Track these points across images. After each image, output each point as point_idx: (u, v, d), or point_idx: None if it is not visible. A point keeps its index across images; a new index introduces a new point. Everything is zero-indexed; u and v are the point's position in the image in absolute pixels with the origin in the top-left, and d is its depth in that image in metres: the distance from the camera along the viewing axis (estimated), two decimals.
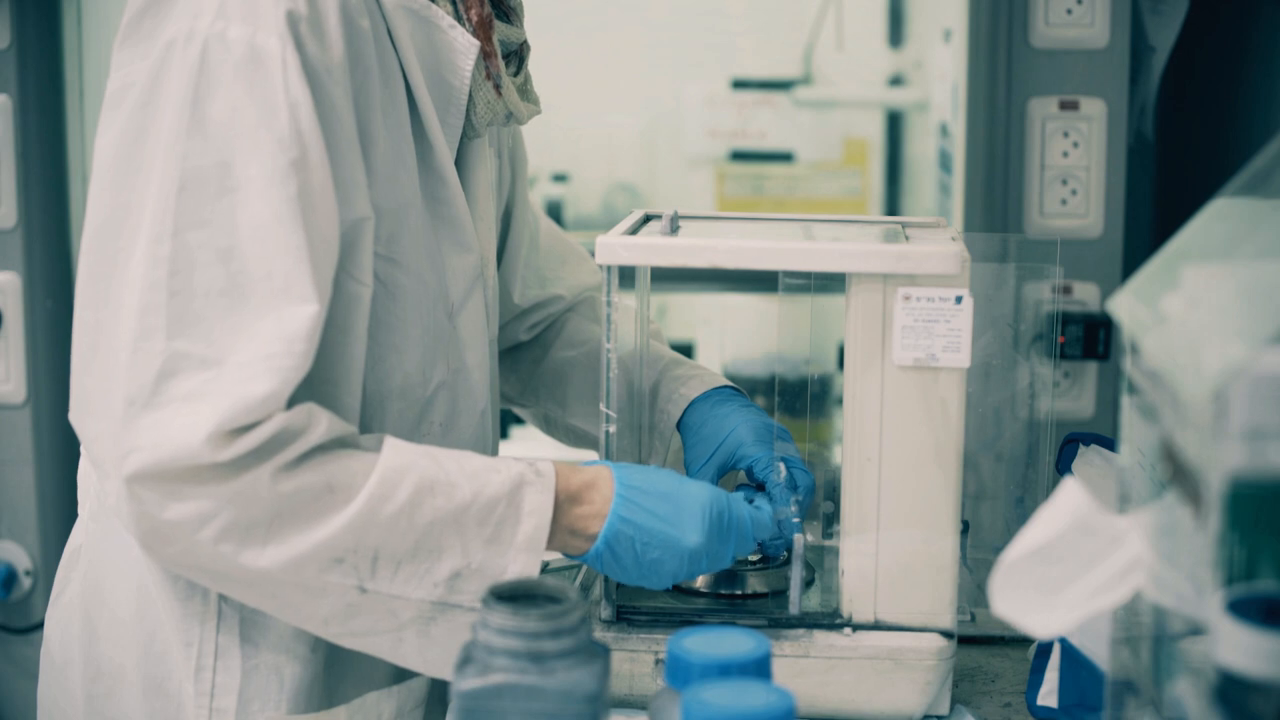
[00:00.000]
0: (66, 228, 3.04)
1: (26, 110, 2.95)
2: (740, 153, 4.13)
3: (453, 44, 1.91)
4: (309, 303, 1.72)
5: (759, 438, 2.06)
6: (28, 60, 2.95)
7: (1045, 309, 2.05)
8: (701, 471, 2.07)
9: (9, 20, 2.93)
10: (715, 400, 2.13)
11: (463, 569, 1.76)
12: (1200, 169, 3.18)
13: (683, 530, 1.82)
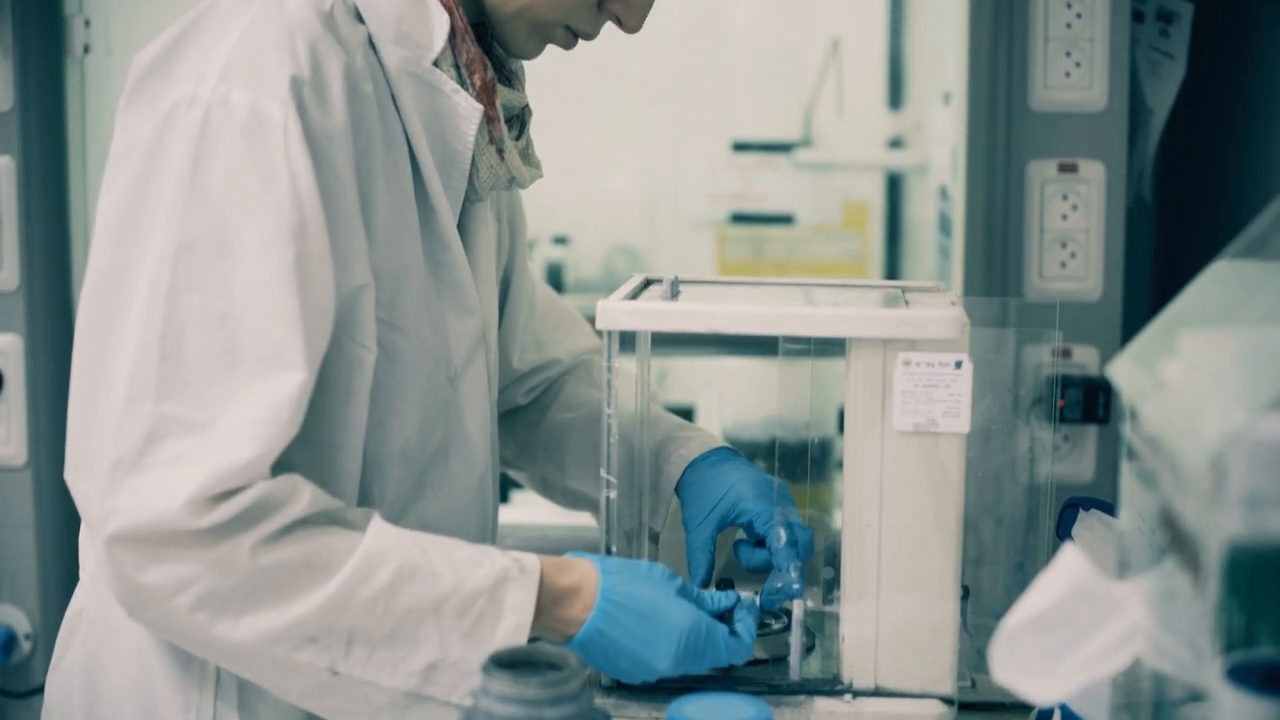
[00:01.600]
0: (69, 290, 3.04)
1: (29, 172, 2.96)
2: (740, 215, 4.14)
3: (456, 108, 1.92)
4: (298, 370, 1.72)
5: (759, 493, 2.06)
6: (31, 122, 2.96)
7: (1045, 372, 2.06)
8: (701, 527, 2.07)
9: (12, 82, 2.94)
10: (714, 460, 2.14)
11: (439, 661, 1.75)
12: (1199, 231, 3.19)
13: (655, 654, 1.83)
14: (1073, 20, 2.91)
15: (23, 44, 2.93)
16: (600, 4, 1.95)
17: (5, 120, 2.95)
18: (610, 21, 1.99)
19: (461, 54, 1.92)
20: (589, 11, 1.95)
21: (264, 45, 1.77)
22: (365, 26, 1.88)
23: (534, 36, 1.97)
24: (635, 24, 1.98)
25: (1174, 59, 2.99)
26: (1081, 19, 2.91)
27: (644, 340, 2.00)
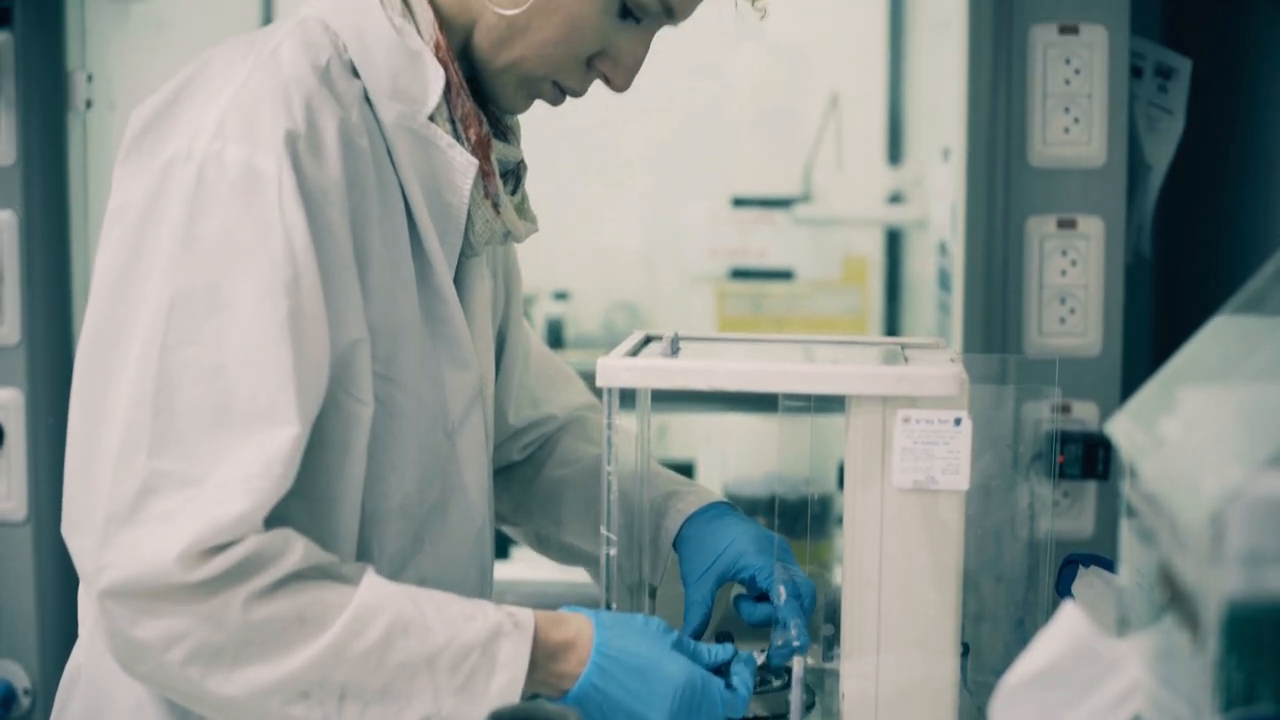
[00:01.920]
0: (70, 344, 3.04)
1: (31, 226, 2.96)
2: (740, 271, 4.15)
3: (451, 163, 1.92)
4: (291, 425, 1.72)
5: (759, 548, 2.06)
6: (33, 176, 2.96)
7: (1044, 428, 2.06)
8: (700, 582, 2.07)
9: (15, 136, 2.94)
10: (712, 514, 2.14)
11: (432, 716, 1.74)
12: (1198, 286, 3.19)
13: (650, 708, 1.81)
14: (1071, 76, 2.92)
15: (25, 98, 2.94)
16: (589, 62, 1.96)
17: (7, 175, 2.96)
18: (599, 80, 2.00)
19: (457, 109, 1.93)
20: (577, 69, 1.96)
21: (259, 100, 1.78)
22: (361, 81, 1.89)
23: (522, 91, 1.98)
24: (623, 83, 1.99)
25: (1173, 114, 3.00)
26: (1080, 75, 2.92)
27: (644, 397, 2.00)
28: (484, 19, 1.93)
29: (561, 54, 1.94)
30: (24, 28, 2.93)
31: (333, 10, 1.92)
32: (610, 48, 1.96)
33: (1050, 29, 2.92)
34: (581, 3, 1.90)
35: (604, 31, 1.93)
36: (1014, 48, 2.92)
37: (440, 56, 1.91)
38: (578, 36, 1.92)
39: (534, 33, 1.92)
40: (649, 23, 1.96)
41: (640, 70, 2.00)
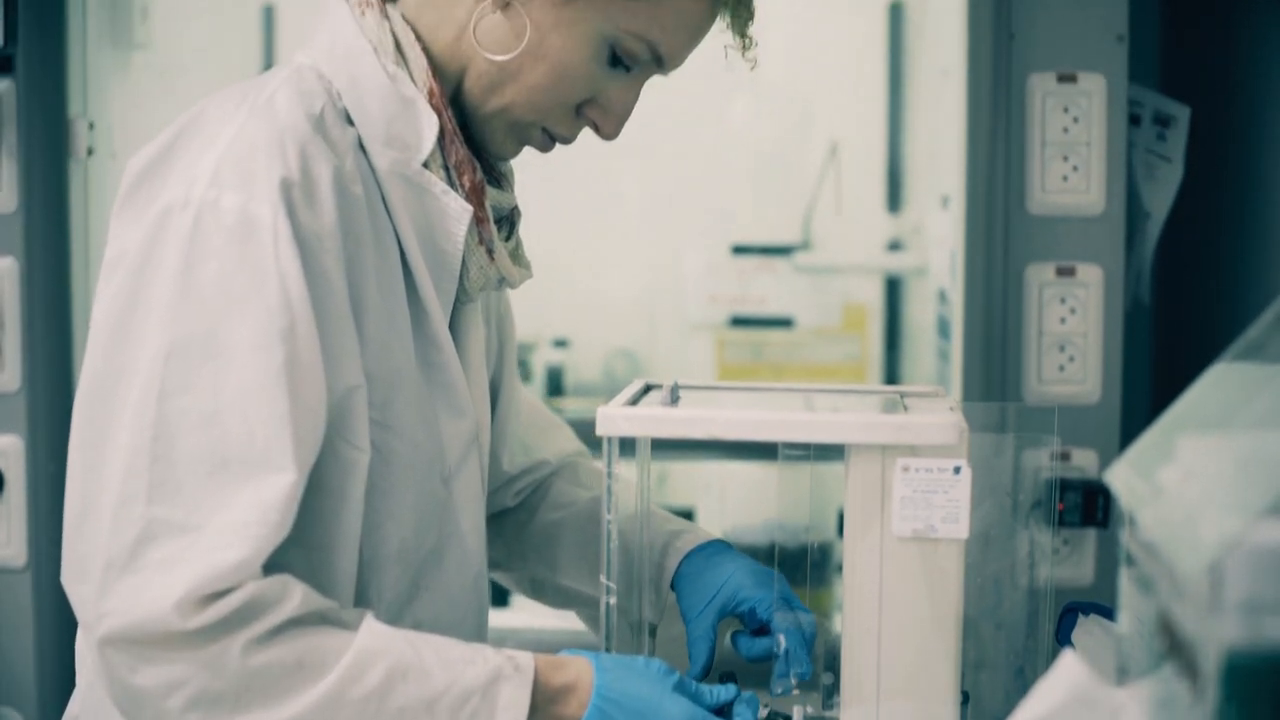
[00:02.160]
0: (70, 392, 3.04)
1: (32, 273, 2.97)
2: (740, 318, 4.15)
3: (446, 209, 1.93)
4: (287, 472, 1.72)
5: (757, 581, 2.06)
6: (34, 224, 2.97)
7: (1044, 476, 2.06)
8: (700, 617, 2.07)
9: (16, 183, 2.95)
10: (710, 552, 2.14)
11: None
12: (1198, 334, 3.19)
13: None
14: (1070, 124, 2.93)
15: (27, 146, 2.95)
16: (578, 109, 1.97)
17: (8, 222, 2.96)
18: (588, 127, 2.00)
19: (451, 156, 1.93)
20: (567, 116, 1.97)
21: (254, 148, 1.78)
22: (355, 129, 1.89)
23: (511, 137, 1.99)
24: (612, 131, 1.99)
25: (1171, 162, 3.01)
26: (1079, 123, 2.93)
27: (644, 446, 2.01)
28: (475, 65, 1.94)
29: (551, 100, 1.94)
30: (26, 75, 2.94)
31: (326, 58, 1.93)
32: (600, 95, 1.96)
33: (1049, 77, 2.93)
34: (571, 50, 1.91)
35: (593, 79, 1.94)
36: (1013, 96, 2.94)
37: (434, 104, 1.92)
38: (567, 83, 1.93)
39: (524, 78, 1.92)
40: (639, 71, 1.96)
41: (631, 118, 2.00)
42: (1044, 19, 2.93)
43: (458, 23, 1.94)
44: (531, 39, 1.90)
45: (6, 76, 2.94)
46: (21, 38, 2.93)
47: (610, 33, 1.91)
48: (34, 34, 2.94)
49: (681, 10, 1.92)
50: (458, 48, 1.94)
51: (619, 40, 1.91)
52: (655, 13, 1.91)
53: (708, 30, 1.98)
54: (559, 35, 1.90)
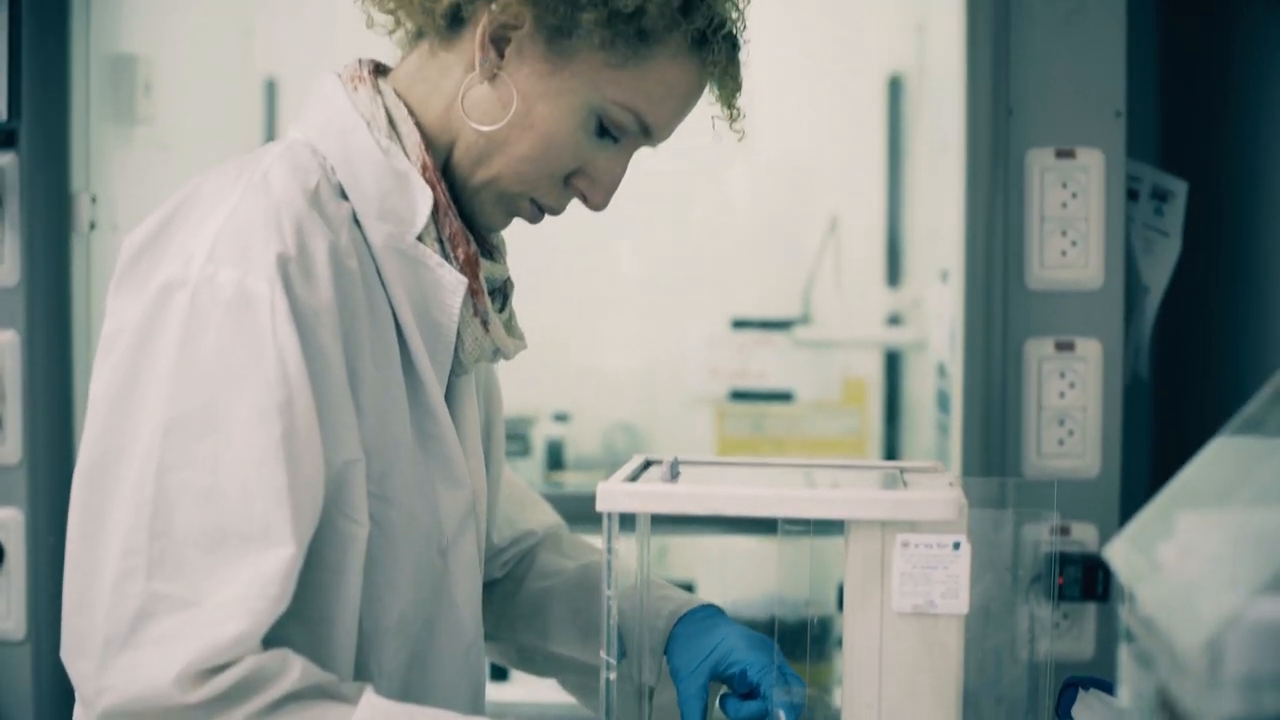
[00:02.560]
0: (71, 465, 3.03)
1: (34, 346, 2.97)
2: (740, 392, 4.15)
3: (440, 282, 1.94)
4: (286, 545, 1.72)
5: (750, 645, 2.05)
6: (36, 297, 2.98)
7: (1044, 550, 2.06)
8: (691, 677, 2.06)
9: (19, 257, 2.96)
10: (702, 615, 2.14)
11: None
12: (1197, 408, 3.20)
13: None
14: (1068, 199, 2.94)
15: (30, 219, 2.96)
16: (566, 180, 1.98)
17: (10, 295, 2.97)
18: (576, 198, 2.01)
19: (444, 228, 1.94)
20: (555, 186, 1.98)
21: (251, 224, 1.79)
22: (349, 203, 1.90)
23: (500, 208, 2.00)
24: (600, 202, 2.00)
25: (1169, 236, 3.02)
26: (1077, 198, 2.94)
27: (644, 521, 2.01)
28: (463, 137, 1.95)
29: (538, 171, 1.95)
30: (29, 149, 2.96)
31: (319, 133, 1.94)
32: (588, 166, 1.97)
33: (1047, 153, 2.95)
34: (558, 120, 1.92)
35: (581, 149, 1.95)
36: (1011, 171, 2.95)
37: (427, 177, 1.93)
38: (554, 154, 1.94)
39: (511, 149, 1.93)
40: (626, 142, 1.97)
41: (629, 191, 2.01)
42: (1042, 95, 2.95)
43: (447, 95, 1.96)
44: (518, 110, 1.91)
45: (10, 150, 2.95)
46: (25, 112, 2.95)
47: (597, 103, 1.92)
48: (37, 108, 2.96)
49: (668, 81, 1.93)
50: (447, 120, 1.96)
51: (606, 111, 1.92)
52: (641, 83, 1.92)
53: (695, 101, 1.99)
54: (546, 106, 1.91)
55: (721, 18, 1.94)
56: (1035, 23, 2.94)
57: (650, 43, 1.90)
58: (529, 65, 1.91)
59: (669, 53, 1.92)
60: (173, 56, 3.48)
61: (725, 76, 1.97)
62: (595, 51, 1.89)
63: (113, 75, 3.18)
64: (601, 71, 1.90)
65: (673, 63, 1.92)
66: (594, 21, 1.87)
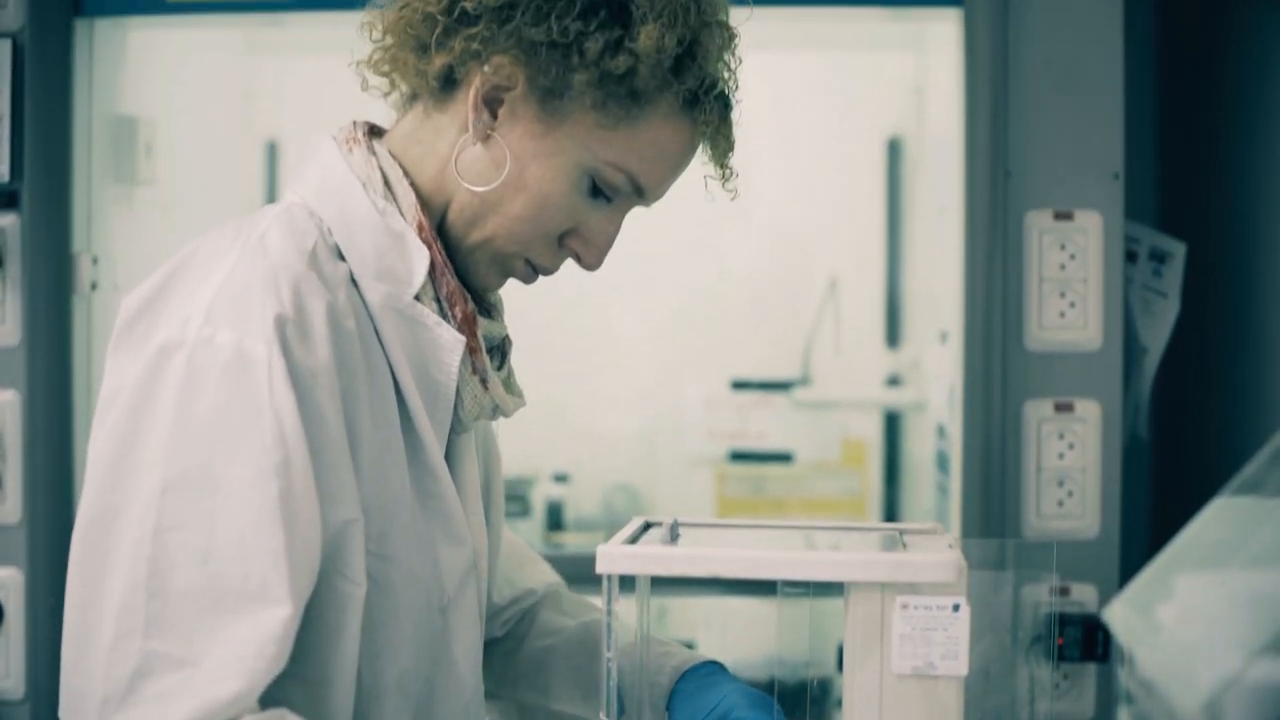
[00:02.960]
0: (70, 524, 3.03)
1: (34, 406, 2.98)
2: (740, 453, 4.15)
3: (439, 340, 1.94)
4: (283, 605, 1.72)
5: (752, 702, 2.05)
6: (37, 357, 2.98)
7: (1043, 611, 2.06)
8: None
9: (20, 317, 2.97)
10: (704, 672, 2.14)
11: None
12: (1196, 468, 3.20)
13: None
14: (1066, 261, 2.95)
15: (31, 280, 2.96)
16: (560, 239, 1.99)
17: (11, 355, 2.98)
18: (570, 258, 2.02)
19: (442, 287, 1.95)
20: (548, 246, 1.99)
21: (248, 286, 1.80)
22: (346, 263, 1.91)
23: (495, 269, 2.01)
24: (594, 262, 2.01)
25: (1167, 297, 3.03)
26: (1075, 260, 2.95)
27: (644, 583, 2.01)
28: (458, 198, 1.96)
29: (532, 231, 1.96)
30: (31, 210, 2.97)
31: (316, 195, 1.95)
32: (581, 226, 1.98)
33: (1045, 215, 2.96)
34: (551, 180, 1.93)
35: (574, 209, 1.96)
36: (1010, 233, 2.96)
37: (423, 237, 1.94)
38: (548, 214, 1.95)
39: (505, 209, 1.94)
40: (620, 202, 1.98)
41: (629, 253, 2.02)
42: (1040, 157, 2.96)
43: (441, 156, 1.97)
44: (512, 170, 1.93)
45: (11, 211, 2.96)
46: (27, 172, 2.96)
47: (589, 163, 1.93)
48: (39, 169, 2.97)
49: (660, 141, 1.94)
50: (441, 181, 1.97)
51: (598, 171, 1.93)
52: (634, 144, 1.93)
53: (688, 161, 2.00)
54: (539, 166, 1.92)
55: (713, 78, 1.95)
56: (1033, 85, 2.95)
57: (642, 103, 1.91)
58: (522, 126, 1.93)
59: (661, 113, 1.93)
60: (174, 118, 3.49)
61: (717, 136, 1.98)
62: (588, 112, 1.91)
63: (114, 136, 3.20)
64: (594, 132, 1.91)
65: (665, 123, 1.94)
66: (586, 82, 1.88)
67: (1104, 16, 2.96)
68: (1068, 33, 2.96)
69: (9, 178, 2.95)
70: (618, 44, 1.88)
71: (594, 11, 1.88)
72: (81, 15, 3.04)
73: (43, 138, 2.97)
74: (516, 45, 1.89)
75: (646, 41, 1.87)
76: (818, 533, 2.12)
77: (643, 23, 1.88)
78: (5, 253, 2.95)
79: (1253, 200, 2.96)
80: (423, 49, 1.94)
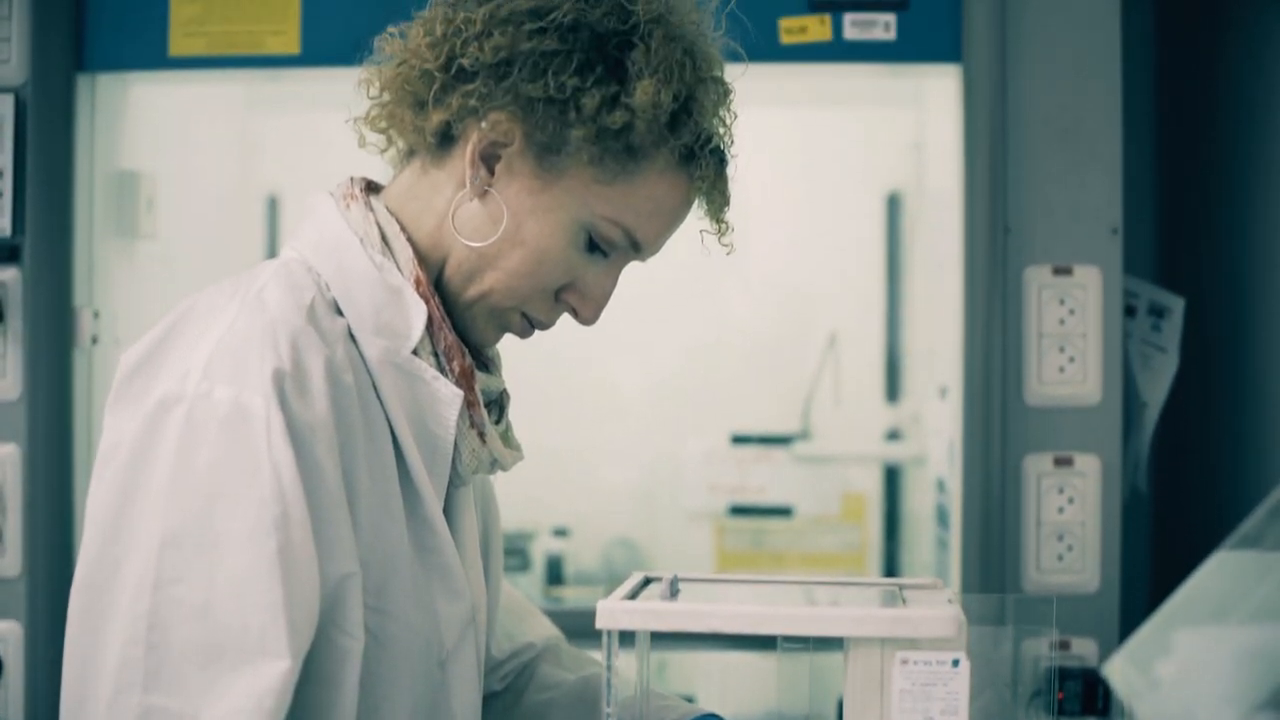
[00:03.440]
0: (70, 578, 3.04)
1: (35, 460, 2.98)
2: (739, 507, 4.15)
3: (437, 395, 1.95)
4: (282, 659, 1.73)
5: None
6: (38, 411, 2.98)
7: (1044, 665, 2.06)
8: None
9: (21, 371, 2.97)
10: None
11: None
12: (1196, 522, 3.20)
13: None
14: (1066, 316, 2.95)
15: (32, 334, 2.97)
16: (556, 294, 2.00)
17: (12, 409, 2.98)
18: (566, 312, 2.03)
19: (439, 342, 1.96)
20: (545, 301, 1.99)
21: (247, 341, 1.81)
22: (344, 318, 1.92)
23: (492, 323, 2.01)
24: (590, 316, 2.02)
25: (1167, 352, 3.03)
26: (1074, 315, 2.95)
27: (643, 638, 2.01)
28: (455, 253, 1.97)
29: (529, 286, 1.97)
30: (32, 264, 2.97)
31: (314, 250, 1.96)
32: (578, 280, 1.99)
33: (1044, 270, 2.96)
34: (548, 235, 1.94)
35: (571, 264, 1.97)
36: (1009, 288, 2.96)
37: (421, 292, 1.94)
38: (545, 269, 1.96)
39: (502, 264, 1.95)
40: (616, 257, 1.99)
41: (629, 307, 2.02)
42: (1039, 212, 2.97)
43: (438, 212, 1.98)
44: (508, 226, 1.94)
45: (13, 265, 2.97)
46: (29, 227, 2.97)
47: (586, 218, 1.94)
48: (41, 223, 2.98)
49: (656, 196, 1.95)
50: (439, 236, 1.98)
51: (595, 226, 1.94)
52: (630, 199, 1.94)
53: (684, 215, 2.01)
54: (535, 221, 1.93)
55: (709, 133, 1.96)
56: (1032, 141, 2.97)
57: (638, 158, 1.92)
58: (519, 182, 1.94)
59: (657, 168, 1.94)
60: (175, 173, 3.50)
61: (713, 191, 1.99)
62: (584, 168, 1.92)
63: (116, 191, 3.21)
64: (591, 187, 1.92)
65: (661, 178, 1.95)
66: (583, 138, 1.89)
67: (1102, 72, 2.97)
68: (1066, 89, 2.97)
69: (11, 232, 2.96)
70: (614, 100, 1.89)
71: (590, 68, 1.89)
72: (84, 70, 3.05)
73: (44, 192, 2.98)
74: (514, 102, 1.90)
75: (643, 97, 1.88)
76: (817, 588, 2.12)
77: (639, 79, 1.89)
78: (6, 306, 2.96)
79: (1252, 255, 2.97)
80: (420, 105, 1.95)
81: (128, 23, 3.06)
